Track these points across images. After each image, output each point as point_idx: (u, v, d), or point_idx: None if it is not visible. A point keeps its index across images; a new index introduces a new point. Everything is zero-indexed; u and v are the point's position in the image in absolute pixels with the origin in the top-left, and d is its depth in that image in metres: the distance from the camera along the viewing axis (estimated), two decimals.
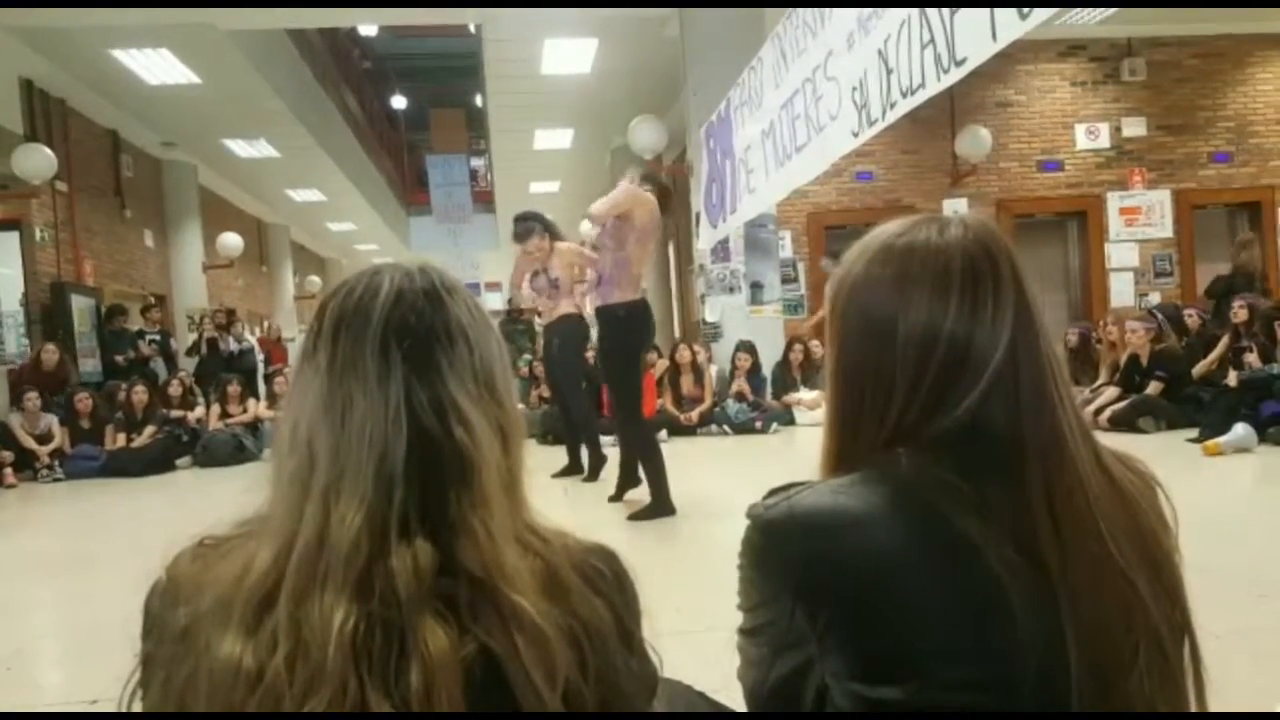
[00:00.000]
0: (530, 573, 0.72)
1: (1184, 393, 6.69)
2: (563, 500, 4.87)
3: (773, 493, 0.85)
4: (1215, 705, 0.86)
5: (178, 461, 8.00)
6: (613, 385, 4.42)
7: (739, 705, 0.93)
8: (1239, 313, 6.96)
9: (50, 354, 8.29)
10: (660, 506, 4.17)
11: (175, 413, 8.37)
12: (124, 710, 0.73)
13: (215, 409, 8.56)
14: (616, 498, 4.61)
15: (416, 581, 0.68)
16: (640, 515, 4.16)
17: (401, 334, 0.75)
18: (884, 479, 0.81)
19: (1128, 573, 0.79)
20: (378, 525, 0.70)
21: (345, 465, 0.72)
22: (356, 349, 0.75)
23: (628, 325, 4.31)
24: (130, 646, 0.76)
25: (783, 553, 0.82)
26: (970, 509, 0.78)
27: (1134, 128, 10.13)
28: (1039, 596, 0.76)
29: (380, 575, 0.68)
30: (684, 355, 8.37)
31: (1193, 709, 0.83)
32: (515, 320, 11.45)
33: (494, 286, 22.09)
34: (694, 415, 8.05)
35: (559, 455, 5.98)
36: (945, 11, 3.13)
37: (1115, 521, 0.80)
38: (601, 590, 0.75)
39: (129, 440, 7.89)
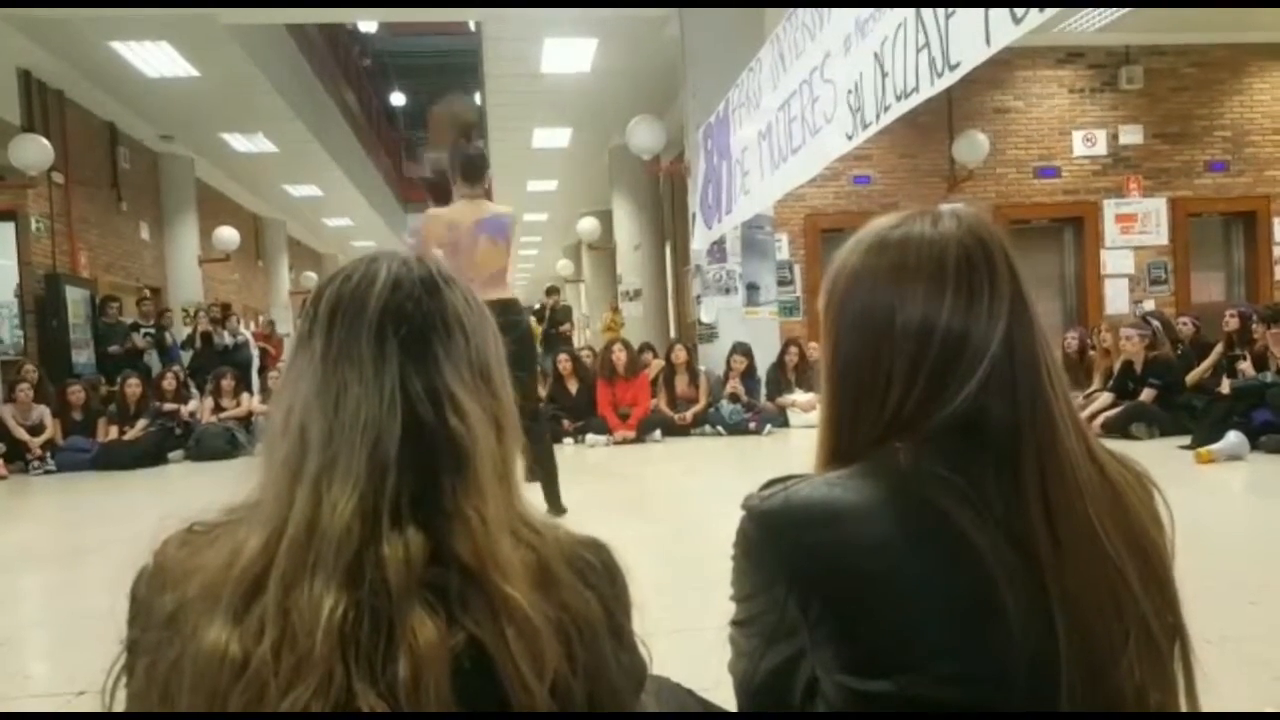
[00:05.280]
0: (522, 564, 0.72)
1: (1177, 400, 6.70)
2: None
3: (769, 484, 0.85)
4: (1208, 710, 0.86)
5: (170, 455, 7.97)
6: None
7: (729, 704, 0.93)
8: (1230, 321, 7.00)
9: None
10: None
11: (168, 406, 8.34)
12: (108, 696, 0.72)
13: (209, 403, 8.53)
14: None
15: (407, 570, 0.68)
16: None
17: (398, 322, 0.75)
18: (880, 472, 0.81)
19: (1116, 560, 0.79)
20: (369, 512, 0.69)
21: (338, 452, 0.71)
22: (352, 336, 0.74)
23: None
24: (117, 637, 0.75)
25: (777, 543, 0.82)
26: (965, 502, 0.78)
27: (1131, 135, 10.16)
28: (1031, 590, 0.76)
29: (371, 563, 0.68)
30: (679, 356, 8.37)
31: (1184, 705, 0.83)
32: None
33: None
34: (688, 415, 8.06)
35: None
36: (940, 16, 3.14)
37: (1104, 511, 0.80)
38: (592, 583, 0.75)
39: (121, 433, 7.86)
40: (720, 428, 7.95)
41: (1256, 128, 10.25)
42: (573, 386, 8.29)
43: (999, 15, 2.77)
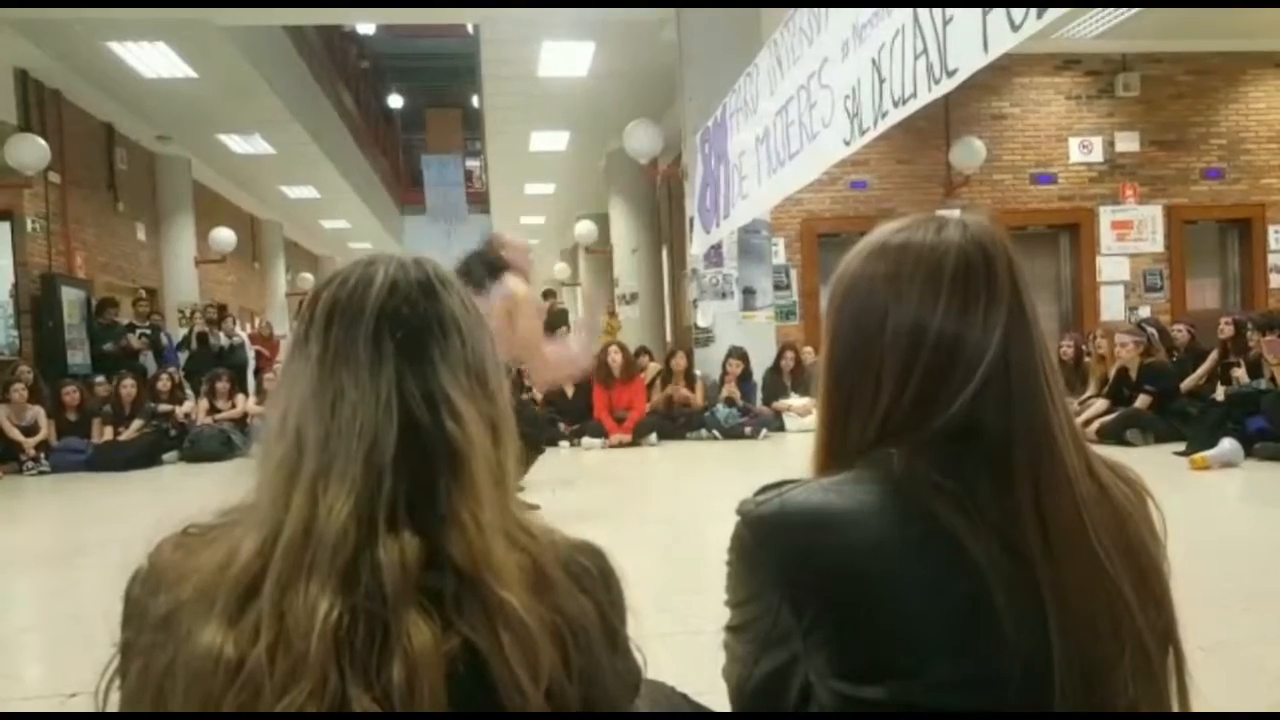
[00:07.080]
0: (517, 568, 0.71)
1: (1172, 406, 6.72)
2: (551, 500, 4.85)
3: (764, 489, 0.85)
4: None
5: (164, 456, 7.94)
6: None
7: (724, 708, 0.93)
8: (1225, 328, 7.02)
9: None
10: None
11: (163, 407, 8.32)
12: (101, 698, 0.72)
13: (204, 404, 8.51)
14: None
15: (402, 574, 0.68)
16: None
17: (395, 325, 0.75)
18: (875, 477, 0.81)
19: (1113, 575, 0.79)
20: (365, 515, 0.69)
21: (334, 454, 0.71)
22: (349, 338, 0.74)
23: None
24: (111, 639, 0.75)
25: (772, 548, 0.81)
26: (959, 508, 0.78)
27: (1127, 142, 10.18)
28: (1025, 596, 0.76)
29: (366, 567, 0.68)
30: (679, 363, 8.37)
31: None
32: None
33: None
34: (686, 395, 8.10)
35: (548, 458, 5.96)
36: (939, 22, 3.15)
37: (1102, 525, 0.80)
38: (587, 588, 0.75)
39: (116, 434, 7.84)
40: (716, 431, 7.95)
41: (1252, 135, 10.28)
42: (569, 390, 8.29)
43: (997, 23, 2.78)
